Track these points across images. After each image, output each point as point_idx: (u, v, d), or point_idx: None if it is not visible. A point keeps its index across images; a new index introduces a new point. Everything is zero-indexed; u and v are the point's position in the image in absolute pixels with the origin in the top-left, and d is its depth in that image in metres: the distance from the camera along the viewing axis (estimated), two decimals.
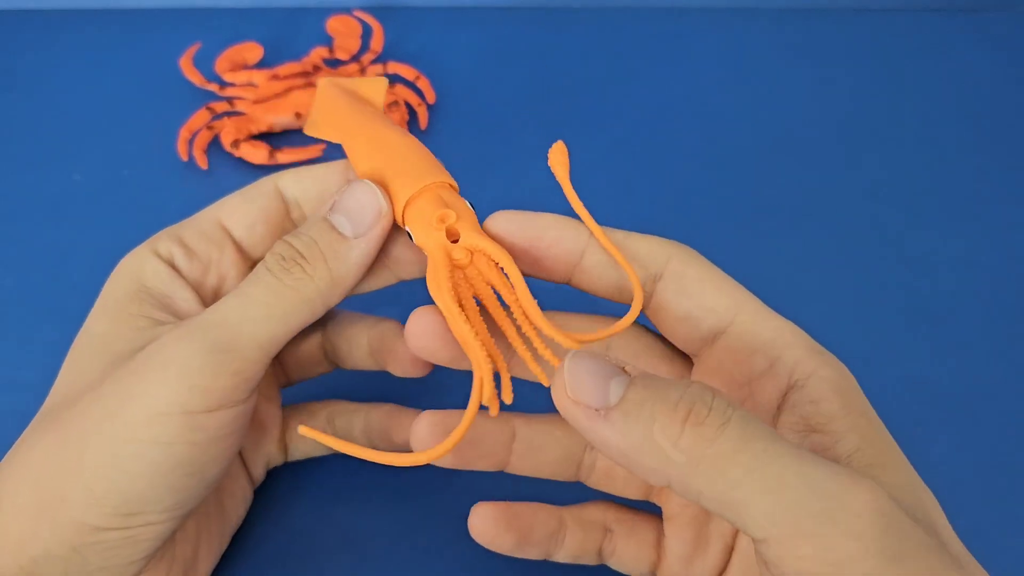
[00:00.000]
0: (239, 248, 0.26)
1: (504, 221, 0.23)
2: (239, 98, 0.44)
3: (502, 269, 0.23)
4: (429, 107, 0.44)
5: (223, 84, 0.44)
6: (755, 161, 0.43)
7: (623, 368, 0.19)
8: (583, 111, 0.45)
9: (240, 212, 0.26)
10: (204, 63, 0.45)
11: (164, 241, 0.26)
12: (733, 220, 0.40)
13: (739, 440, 0.17)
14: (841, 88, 0.46)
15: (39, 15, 0.49)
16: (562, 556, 0.26)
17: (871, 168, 0.43)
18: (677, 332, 0.23)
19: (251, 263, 0.27)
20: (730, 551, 0.24)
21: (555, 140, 0.25)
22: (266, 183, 0.27)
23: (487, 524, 0.24)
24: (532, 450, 0.25)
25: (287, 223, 0.27)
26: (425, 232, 0.23)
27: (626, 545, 0.25)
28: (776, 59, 0.48)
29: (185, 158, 0.41)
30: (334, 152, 0.42)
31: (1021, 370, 0.35)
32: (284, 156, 0.41)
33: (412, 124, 0.44)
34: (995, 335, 0.36)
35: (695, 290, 0.22)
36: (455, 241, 0.23)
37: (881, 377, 0.33)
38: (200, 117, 0.42)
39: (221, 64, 0.45)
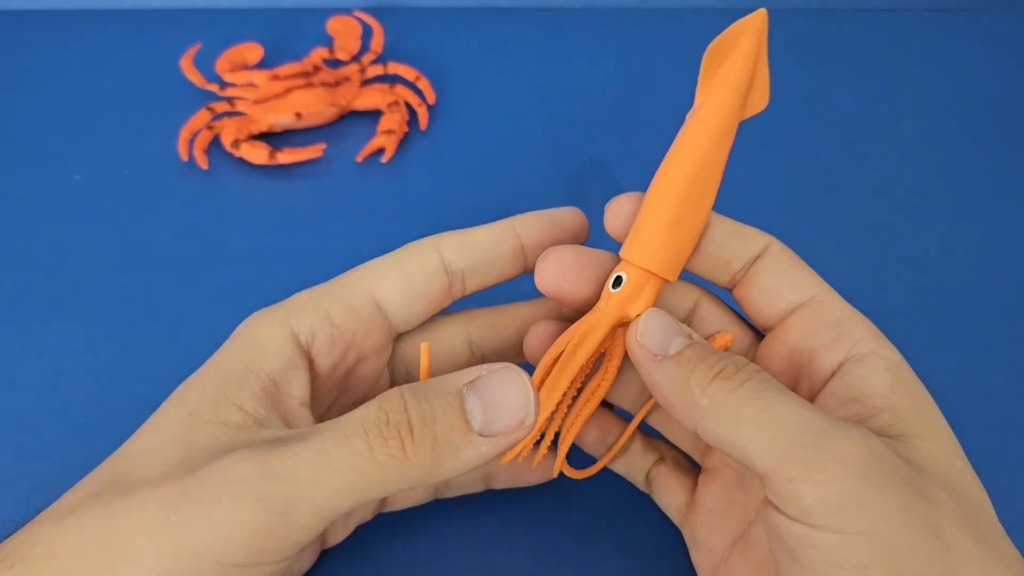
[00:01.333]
0: (388, 323, 0.25)
1: (633, 201, 0.25)
2: (239, 98, 0.44)
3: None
4: (429, 107, 0.44)
5: (223, 84, 0.44)
6: (754, 161, 0.43)
7: (690, 335, 0.23)
8: (583, 111, 0.45)
9: (397, 289, 0.24)
10: (205, 63, 0.45)
11: (308, 316, 0.23)
12: (736, 219, 0.40)
13: (753, 392, 0.20)
14: (841, 88, 0.46)
15: (40, 15, 0.49)
16: (620, 465, 0.28)
17: (871, 167, 0.43)
18: (760, 303, 0.25)
19: (395, 337, 0.25)
20: (749, 524, 0.25)
21: (554, 140, 0.25)
22: (426, 252, 0.24)
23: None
24: (624, 376, 0.27)
25: (447, 299, 0.25)
26: (632, 296, 0.23)
27: (671, 476, 0.27)
28: (776, 59, 0.48)
29: (185, 158, 0.42)
30: (334, 152, 0.42)
31: (1021, 370, 0.35)
32: (284, 156, 0.41)
33: (412, 124, 0.44)
34: (995, 335, 0.36)
35: (786, 269, 0.25)
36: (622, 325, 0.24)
37: None
38: (200, 117, 0.42)
39: (221, 64, 0.45)
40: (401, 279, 0.24)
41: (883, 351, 0.23)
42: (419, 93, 0.45)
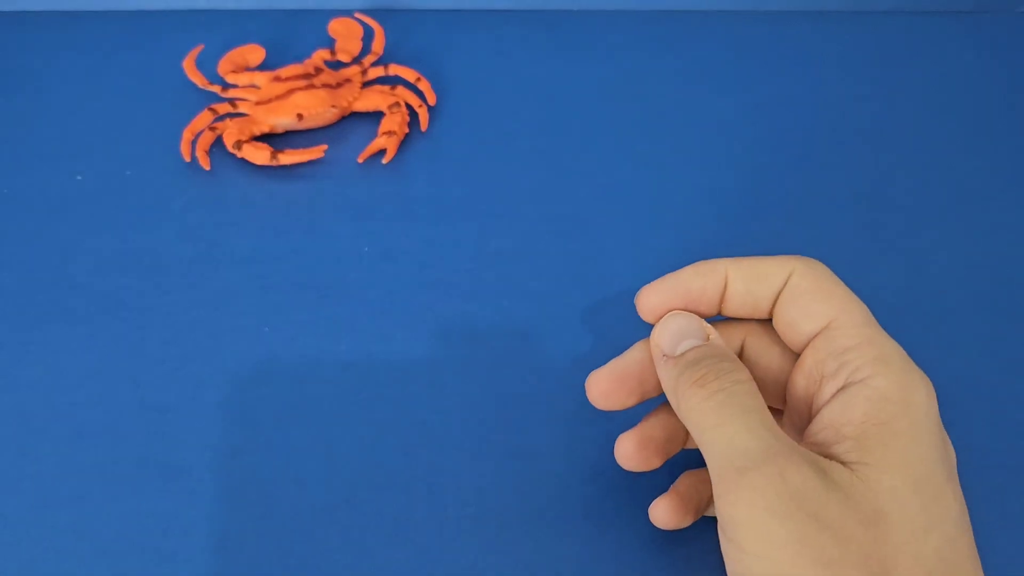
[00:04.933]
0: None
1: (654, 295, 0.27)
2: (241, 99, 0.44)
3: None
4: (430, 109, 0.44)
5: (225, 85, 0.45)
6: (754, 163, 0.43)
7: (708, 336, 0.26)
8: (583, 113, 0.45)
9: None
10: (207, 65, 0.45)
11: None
12: (732, 221, 0.40)
13: (719, 405, 0.23)
14: (840, 90, 0.47)
15: (43, 17, 0.49)
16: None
17: (869, 169, 0.43)
18: (786, 336, 0.26)
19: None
20: None
21: (554, 142, 0.26)
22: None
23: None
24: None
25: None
26: None
27: None
28: (775, 61, 0.48)
29: (188, 159, 0.42)
30: (335, 153, 0.42)
31: (1020, 370, 0.35)
32: (286, 157, 0.41)
33: (413, 125, 0.44)
34: (993, 335, 0.36)
35: (802, 300, 0.25)
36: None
37: None
38: (203, 118, 0.43)
39: (223, 66, 0.45)
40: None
41: (875, 380, 0.23)
42: (420, 95, 0.45)
